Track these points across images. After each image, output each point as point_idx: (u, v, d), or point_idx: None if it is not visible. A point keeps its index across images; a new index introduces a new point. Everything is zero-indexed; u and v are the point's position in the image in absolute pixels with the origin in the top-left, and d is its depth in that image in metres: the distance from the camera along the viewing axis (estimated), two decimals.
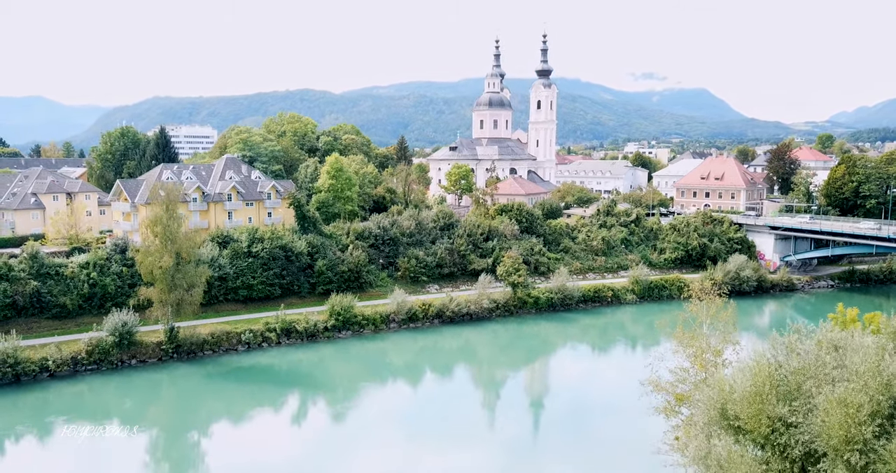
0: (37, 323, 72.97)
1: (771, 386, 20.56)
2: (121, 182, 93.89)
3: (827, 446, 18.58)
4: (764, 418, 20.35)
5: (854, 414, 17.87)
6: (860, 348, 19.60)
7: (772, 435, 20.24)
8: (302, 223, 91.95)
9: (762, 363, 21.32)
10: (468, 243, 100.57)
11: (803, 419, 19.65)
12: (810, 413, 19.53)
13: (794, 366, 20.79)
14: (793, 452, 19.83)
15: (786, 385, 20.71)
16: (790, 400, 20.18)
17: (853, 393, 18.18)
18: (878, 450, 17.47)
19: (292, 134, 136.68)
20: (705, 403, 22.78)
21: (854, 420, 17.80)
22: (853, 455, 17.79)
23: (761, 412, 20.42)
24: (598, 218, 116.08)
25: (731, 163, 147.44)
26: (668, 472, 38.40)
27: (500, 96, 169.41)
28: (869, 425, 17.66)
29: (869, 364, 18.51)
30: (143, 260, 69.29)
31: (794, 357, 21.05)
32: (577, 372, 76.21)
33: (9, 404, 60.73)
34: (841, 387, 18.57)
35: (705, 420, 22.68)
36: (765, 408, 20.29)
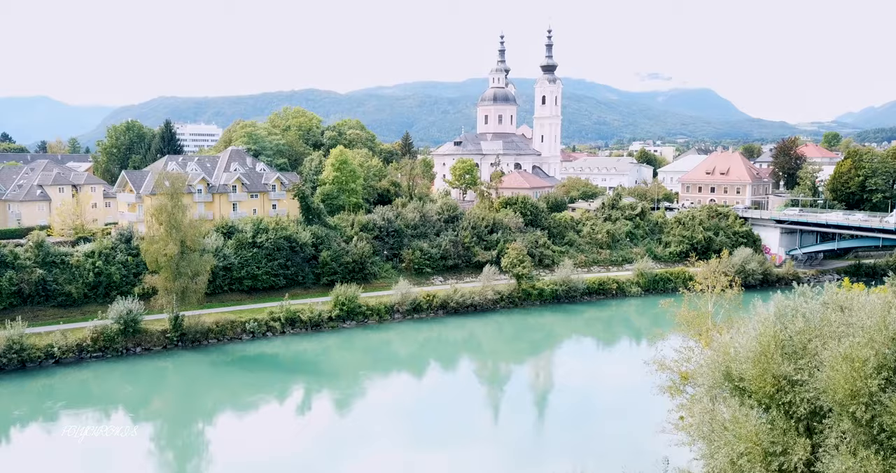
0: (42, 311, 73.21)
1: (776, 345, 20.45)
2: (126, 173, 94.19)
3: (832, 401, 18.46)
4: (769, 377, 20.24)
5: (860, 368, 17.75)
6: (866, 305, 19.49)
7: (777, 394, 20.14)
8: (306, 214, 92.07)
9: (767, 324, 21.20)
10: (472, 235, 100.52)
11: (808, 377, 19.54)
12: (816, 370, 19.42)
13: (799, 326, 20.68)
14: (798, 410, 19.73)
15: (791, 345, 20.59)
16: (795, 359, 20.07)
17: (859, 348, 18.06)
18: (884, 402, 17.35)
19: (297, 128, 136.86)
20: (710, 366, 22.70)
21: (860, 374, 17.69)
22: (859, 409, 17.67)
23: (766, 371, 20.31)
24: (603, 211, 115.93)
25: (737, 158, 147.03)
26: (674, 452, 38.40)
27: (504, 91, 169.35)
28: (875, 378, 17.54)
29: (875, 318, 18.39)
30: (148, 248, 69.44)
31: (799, 317, 20.92)
32: (583, 360, 76.14)
33: (14, 389, 60.92)
34: (846, 342, 18.45)
35: (710, 384, 22.58)
36: (770, 367, 20.18)
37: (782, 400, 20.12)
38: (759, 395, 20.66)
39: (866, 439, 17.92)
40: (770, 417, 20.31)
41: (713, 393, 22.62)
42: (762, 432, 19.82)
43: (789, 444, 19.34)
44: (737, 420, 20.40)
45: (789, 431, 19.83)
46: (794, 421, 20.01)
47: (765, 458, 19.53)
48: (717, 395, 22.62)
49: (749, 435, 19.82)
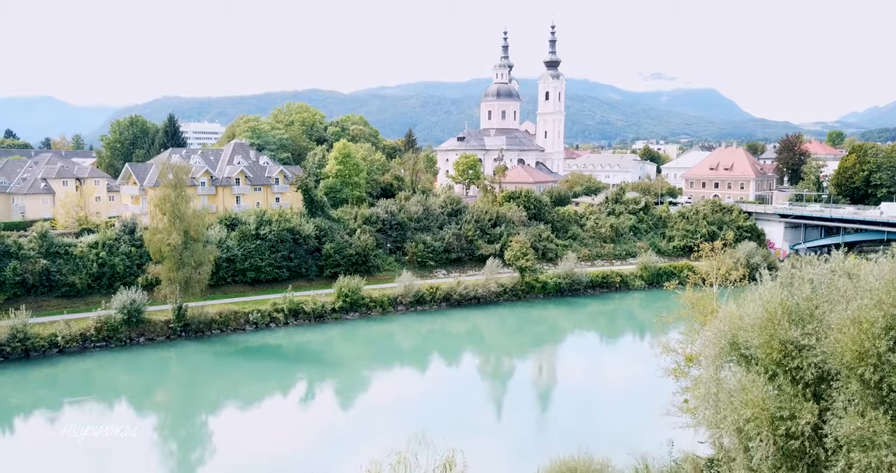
0: (46, 302, 73.29)
1: (783, 312, 20.28)
2: (130, 165, 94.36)
3: (840, 364, 18.30)
4: (776, 343, 20.07)
5: (868, 330, 17.58)
6: (874, 269, 19.35)
7: (784, 360, 19.96)
8: (310, 206, 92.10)
9: (773, 291, 21.05)
10: (476, 229, 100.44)
11: (816, 341, 19.38)
12: (823, 335, 19.27)
13: (806, 293, 20.53)
14: (805, 375, 19.55)
15: (798, 311, 20.44)
16: (803, 325, 19.91)
17: (866, 310, 17.89)
18: (892, 363, 17.18)
19: (300, 124, 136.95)
20: (715, 335, 22.55)
21: (868, 335, 17.52)
22: (867, 370, 17.50)
23: (773, 337, 20.14)
24: (607, 205, 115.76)
25: (741, 154, 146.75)
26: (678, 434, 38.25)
27: (508, 87, 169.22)
28: (883, 339, 17.38)
29: (883, 281, 18.24)
30: (152, 238, 69.51)
31: (806, 284, 20.78)
32: (587, 350, 76.09)
33: (18, 378, 60.97)
34: (854, 305, 18.29)
35: (716, 353, 22.43)
36: (776, 333, 20.01)
37: (789, 366, 19.94)
38: (766, 362, 20.49)
39: (875, 400, 17.76)
40: (777, 383, 20.15)
41: (719, 362, 22.45)
42: (769, 398, 19.65)
43: (796, 409, 19.18)
44: (743, 386, 20.24)
45: (796, 396, 19.66)
46: (802, 387, 19.83)
47: (772, 423, 19.37)
48: (724, 364, 22.46)
49: (755, 401, 19.66)
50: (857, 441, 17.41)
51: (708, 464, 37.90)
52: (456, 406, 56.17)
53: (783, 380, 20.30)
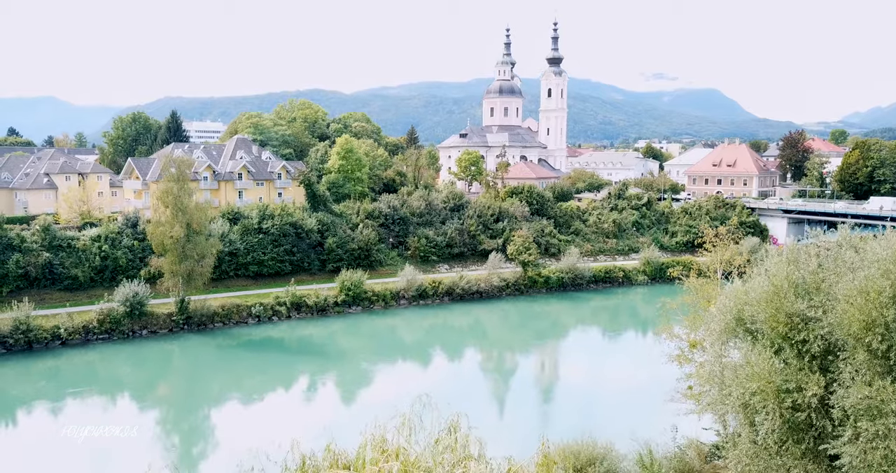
0: (49, 295, 73.34)
1: (789, 285, 20.17)
2: (132, 160, 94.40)
3: (847, 334, 18.18)
4: (782, 316, 19.94)
5: (875, 299, 17.47)
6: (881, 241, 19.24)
7: (790, 333, 19.84)
8: (312, 201, 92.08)
9: (780, 265, 20.94)
10: (478, 224, 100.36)
11: (822, 314, 19.26)
12: (830, 307, 19.15)
13: (812, 266, 20.42)
14: (812, 347, 19.42)
15: (804, 285, 20.33)
16: (809, 297, 19.80)
17: (874, 280, 17.78)
18: None
19: (302, 120, 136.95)
20: (721, 311, 22.43)
21: (875, 305, 17.40)
22: (874, 340, 17.38)
23: (779, 311, 20.02)
24: (610, 201, 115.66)
25: (744, 150, 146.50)
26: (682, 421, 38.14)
27: (510, 84, 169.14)
28: (890, 308, 17.26)
29: (890, 250, 18.12)
30: (154, 231, 69.54)
31: (812, 257, 20.68)
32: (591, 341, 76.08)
33: (21, 370, 61.00)
34: (861, 275, 18.18)
35: (721, 328, 22.32)
36: (782, 306, 19.89)
37: (795, 339, 19.81)
38: (772, 336, 20.37)
39: (882, 370, 17.64)
40: (783, 357, 20.04)
41: (724, 338, 22.34)
42: (775, 371, 19.54)
43: (803, 381, 19.05)
44: (749, 360, 20.12)
45: (802, 369, 19.54)
46: (808, 360, 19.70)
47: (778, 396, 19.24)
48: (729, 340, 22.34)
49: (761, 374, 19.54)
50: (865, 410, 17.28)
51: (713, 451, 37.88)
52: (459, 396, 56.04)
53: (789, 354, 20.17)
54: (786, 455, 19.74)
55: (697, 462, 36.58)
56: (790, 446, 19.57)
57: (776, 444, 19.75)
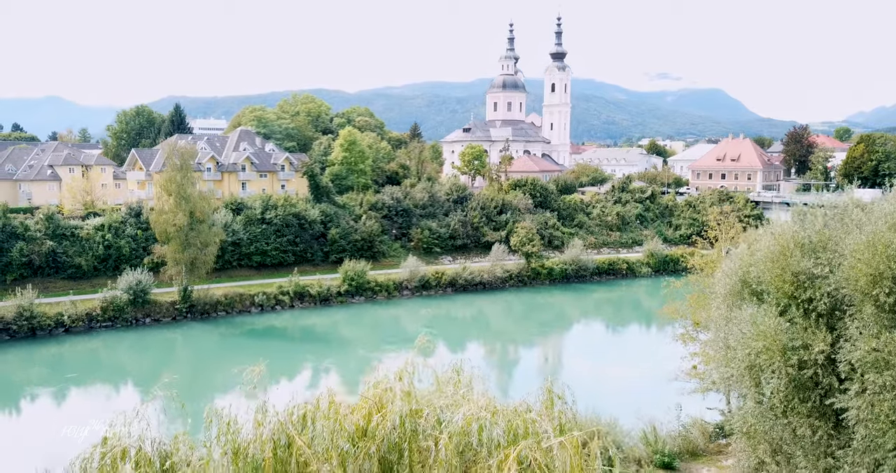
0: (52, 283, 73.42)
1: (795, 244, 20.03)
2: (136, 151, 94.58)
3: (854, 289, 18.03)
4: (788, 275, 19.79)
5: (883, 252, 17.31)
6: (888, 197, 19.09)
7: (796, 292, 19.68)
8: (315, 192, 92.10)
9: (786, 226, 20.81)
10: (481, 216, 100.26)
11: (829, 272, 19.11)
12: (836, 265, 19.00)
13: (818, 224, 20.27)
14: (818, 305, 19.27)
15: (810, 244, 20.18)
16: (815, 255, 19.65)
17: (881, 233, 17.63)
18: None
19: (306, 114, 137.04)
20: (726, 274, 22.30)
21: (883, 258, 17.25)
22: (882, 293, 17.23)
23: (785, 270, 19.87)
24: (613, 194, 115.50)
25: (748, 145, 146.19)
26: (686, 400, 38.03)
27: (514, 78, 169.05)
28: None
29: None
30: (158, 219, 69.52)
31: (819, 216, 20.54)
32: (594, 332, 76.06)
33: (24, 356, 61.09)
34: (868, 229, 18.03)
35: (726, 291, 22.18)
36: (789, 265, 19.74)
37: (801, 298, 19.66)
38: (778, 295, 20.22)
39: (889, 323, 17.48)
40: (789, 316, 19.88)
41: (730, 300, 22.19)
42: (781, 330, 19.39)
43: (809, 338, 18.90)
44: (754, 319, 19.97)
45: (809, 328, 19.40)
46: (814, 319, 19.56)
47: (784, 354, 19.09)
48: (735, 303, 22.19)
49: (767, 332, 19.39)
50: (872, 363, 17.12)
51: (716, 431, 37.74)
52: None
53: (795, 313, 20.01)
54: (792, 415, 19.59)
55: (702, 440, 36.45)
56: (796, 405, 19.40)
57: (782, 403, 19.60)
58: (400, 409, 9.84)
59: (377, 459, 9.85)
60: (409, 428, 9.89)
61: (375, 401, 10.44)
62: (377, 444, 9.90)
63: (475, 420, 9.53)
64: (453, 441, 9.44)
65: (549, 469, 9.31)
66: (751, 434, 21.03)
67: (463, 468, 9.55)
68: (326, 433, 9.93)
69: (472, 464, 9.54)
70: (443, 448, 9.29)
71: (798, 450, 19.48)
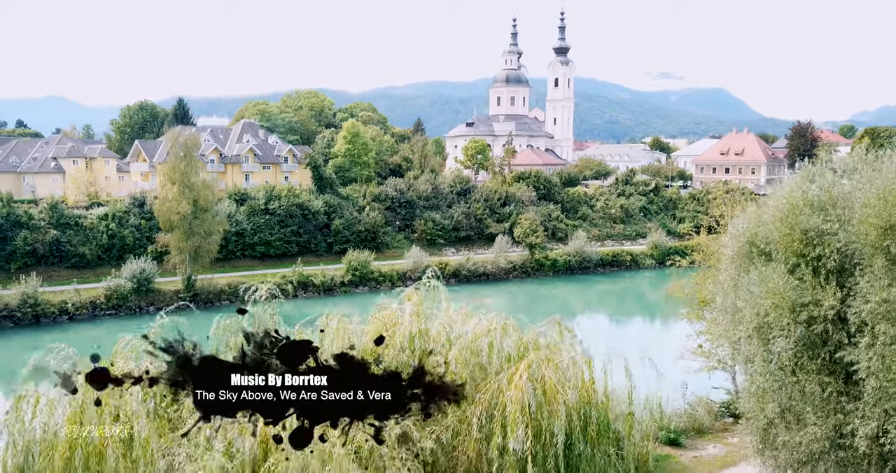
0: (56, 272, 73.57)
1: (804, 202, 19.85)
2: (139, 142, 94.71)
3: (865, 242, 17.85)
4: (797, 233, 19.59)
5: (894, 203, 17.12)
6: None
7: (805, 250, 19.50)
8: (319, 183, 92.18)
9: (794, 185, 20.63)
10: (485, 208, 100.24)
11: (839, 227, 18.93)
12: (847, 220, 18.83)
13: (828, 180, 20.09)
14: (828, 263, 19.07)
15: (820, 202, 20.00)
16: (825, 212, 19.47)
17: (893, 184, 17.44)
18: None
19: (309, 108, 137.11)
20: (734, 236, 22.11)
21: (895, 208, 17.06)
22: (892, 244, 17.04)
23: (794, 228, 19.67)
24: (617, 187, 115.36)
25: (752, 139, 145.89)
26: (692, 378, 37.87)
27: (517, 73, 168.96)
28: None
29: None
30: (161, 208, 69.60)
31: (828, 172, 20.37)
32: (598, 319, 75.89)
33: (28, 344, 61.06)
34: (879, 181, 17.84)
35: (734, 252, 22.00)
36: (798, 222, 19.56)
37: (810, 256, 19.47)
38: (787, 254, 20.03)
39: None
40: (799, 274, 19.70)
41: (738, 262, 22.00)
42: (790, 287, 19.21)
43: (818, 295, 18.72)
44: (763, 278, 19.79)
45: (818, 286, 19.23)
46: (824, 277, 19.38)
47: (793, 311, 18.92)
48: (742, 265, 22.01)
49: (776, 290, 19.20)
50: (883, 314, 16.94)
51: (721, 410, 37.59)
52: None
53: (805, 271, 19.78)
54: (801, 373, 19.41)
55: (707, 419, 36.34)
56: (805, 362, 19.21)
57: (791, 361, 19.42)
58: (409, 326, 9.74)
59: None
60: (418, 347, 9.80)
61: (385, 321, 10.38)
62: (387, 363, 9.78)
63: (485, 334, 9.42)
64: (463, 355, 9.33)
65: (561, 385, 9.18)
66: (759, 395, 20.85)
67: (473, 384, 9.43)
68: (335, 348, 9.85)
69: (482, 378, 9.42)
70: (453, 360, 9.18)
71: (808, 408, 19.30)
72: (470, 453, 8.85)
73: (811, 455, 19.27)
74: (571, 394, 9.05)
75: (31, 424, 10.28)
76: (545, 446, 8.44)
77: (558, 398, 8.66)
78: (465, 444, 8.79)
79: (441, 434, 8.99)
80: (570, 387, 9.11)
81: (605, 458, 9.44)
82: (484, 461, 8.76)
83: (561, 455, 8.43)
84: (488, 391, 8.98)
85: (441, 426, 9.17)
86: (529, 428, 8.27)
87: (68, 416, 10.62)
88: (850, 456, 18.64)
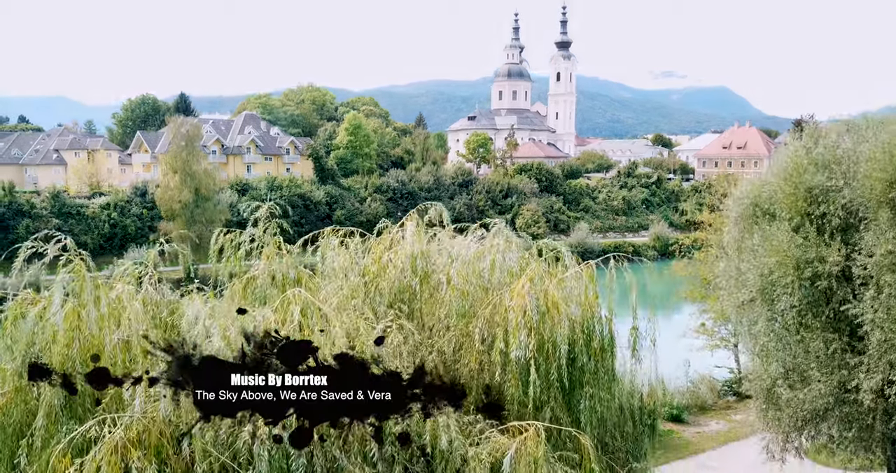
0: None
1: (809, 161, 19.75)
2: (141, 133, 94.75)
3: (870, 197, 17.75)
4: (801, 192, 19.50)
5: None
6: None
7: (809, 208, 19.40)
8: (320, 174, 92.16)
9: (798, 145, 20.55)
10: (487, 199, 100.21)
11: (843, 184, 18.83)
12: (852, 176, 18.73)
13: (832, 140, 19.99)
14: (832, 220, 18.97)
15: (824, 160, 19.89)
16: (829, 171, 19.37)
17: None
18: None
19: (311, 102, 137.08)
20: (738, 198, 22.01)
21: None
22: None
23: (798, 186, 19.58)
24: (619, 179, 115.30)
25: (754, 133, 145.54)
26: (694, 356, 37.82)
27: (519, 67, 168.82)
28: None
29: None
30: (163, 196, 69.67)
31: (832, 133, 20.27)
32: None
33: None
34: (884, 135, 17.74)
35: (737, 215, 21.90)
36: (802, 181, 19.46)
37: (815, 214, 19.38)
38: (791, 213, 19.93)
39: None
40: (803, 233, 19.59)
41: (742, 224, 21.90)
42: (794, 244, 19.10)
43: (823, 251, 18.62)
44: (767, 236, 19.70)
45: (822, 243, 19.13)
46: (829, 234, 19.29)
47: (798, 268, 18.82)
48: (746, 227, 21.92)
49: (780, 247, 19.10)
50: (888, 266, 16.85)
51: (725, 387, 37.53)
52: None
53: (809, 229, 19.70)
54: (805, 331, 19.30)
55: (710, 396, 36.32)
56: (809, 320, 19.11)
57: (795, 319, 19.31)
58: (411, 247, 9.71)
59: (388, 297, 9.72)
60: (420, 268, 9.75)
61: (386, 244, 10.38)
62: (390, 284, 9.80)
63: (487, 252, 9.40)
64: (465, 270, 9.28)
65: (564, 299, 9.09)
66: (763, 355, 20.75)
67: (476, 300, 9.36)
68: (336, 266, 9.86)
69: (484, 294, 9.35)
70: (455, 275, 9.12)
71: (812, 365, 19.20)
72: (472, 364, 8.77)
73: (815, 413, 19.17)
74: (574, 308, 8.97)
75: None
76: (548, 357, 8.35)
77: (561, 310, 8.57)
78: (468, 357, 8.72)
79: (444, 347, 8.92)
80: (574, 302, 9.03)
81: (609, 373, 9.36)
82: (486, 372, 8.68)
83: (564, 366, 8.33)
84: (490, 304, 8.90)
85: (443, 339, 9.10)
86: (532, 335, 8.19)
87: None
88: (855, 412, 18.54)
